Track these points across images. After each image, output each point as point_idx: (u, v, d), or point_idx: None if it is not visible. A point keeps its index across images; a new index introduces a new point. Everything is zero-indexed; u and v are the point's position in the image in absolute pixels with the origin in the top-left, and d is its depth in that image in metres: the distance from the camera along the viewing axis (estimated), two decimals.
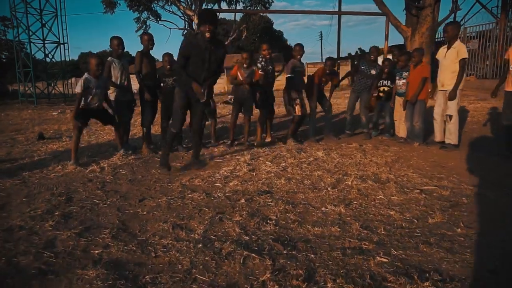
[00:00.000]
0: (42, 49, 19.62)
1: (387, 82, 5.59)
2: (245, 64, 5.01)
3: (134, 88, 5.21)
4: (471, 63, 12.97)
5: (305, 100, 5.46)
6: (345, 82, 16.76)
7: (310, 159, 4.30)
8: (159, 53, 3.64)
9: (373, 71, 5.62)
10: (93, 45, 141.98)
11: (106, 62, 4.58)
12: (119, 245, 2.19)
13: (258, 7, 24.20)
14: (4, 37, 32.71)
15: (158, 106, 5.04)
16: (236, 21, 27.14)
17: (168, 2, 23.76)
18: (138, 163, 4.31)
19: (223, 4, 24.08)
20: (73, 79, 24.25)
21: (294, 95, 5.23)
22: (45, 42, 19.57)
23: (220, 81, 24.83)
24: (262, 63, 5.04)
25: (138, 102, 5.03)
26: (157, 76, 4.96)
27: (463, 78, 4.64)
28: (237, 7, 23.98)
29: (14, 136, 6.76)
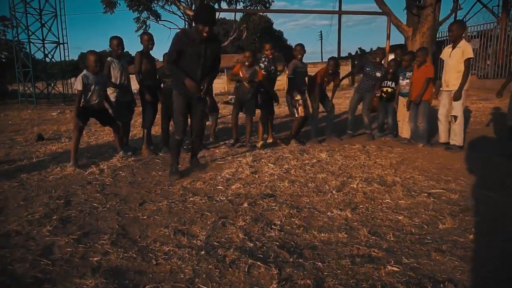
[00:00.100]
0: (41, 49, 19.55)
1: (391, 83, 5.52)
2: (247, 62, 4.90)
3: (134, 88, 5.14)
4: (472, 63, 12.89)
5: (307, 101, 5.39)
6: (345, 82, 16.70)
7: (313, 161, 4.22)
8: (159, 53, 3.55)
9: (378, 73, 5.53)
10: (93, 45, 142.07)
11: (105, 62, 4.52)
12: (118, 252, 2.12)
13: (258, 7, 24.10)
14: (3, 37, 32.60)
15: (159, 107, 4.97)
16: (236, 21, 27.07)
17: (168, 2, 23.64)
18: (138, 165, 4.24)
19: (223, 3, 24.01)
20: (72, 79, 24.10)
21: (296, 96, 5.16)
22: (45, 42, 19.49)
23: (220, 81, 24.89)
24: (265, 63, 4.96)
25: (138, 102, 4.97)
26: (157, 77, 4.88)
27: (468, 78, 4.57)
28: (237, 6, 23.86)
29: (13, 136, 6.69)
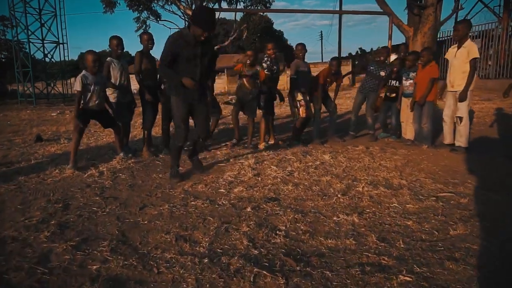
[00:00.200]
0: (41, 49, 19.51)
1: (396, 82, 5.44)
2: (249, 61, 4.82)
3: (134, 88, 5.06)
4: None
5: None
6: (345, 82, 16.61)
7: (316, 163, 4.14)
8: (159, 53, 3.42)
9: (382, 73, 5.45)
10: (93, 45, 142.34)
11: (105, 63, 4.45)
12: (118, 260, 2.04)
13: (259, 7, 24.01)
14: (3, 37, 32.56)
15: (159, 107, 4.89)
16: (237, 21, 26.98)
17: (168, 1, 23.53)
18: (138, 167, 4.16)
19: (223, 3, 23.92)
20: (72, 79, 24.05)
21: (297, 96, 5.08)
22: (44, 42, 19.45)
23: (220, 81, 24.76)
24: (268, 63, 4.89)
25: (138, 103, 4.89)
26: (158, 77, 4.80)
27: (474, 79, 4.49)
28: (238, 6, 23.78)
29: (12, 138, 6.60)
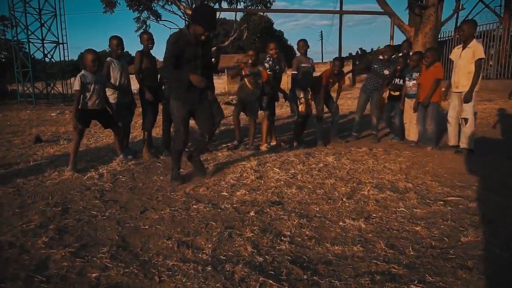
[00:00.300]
0: (41, 49, 19.46)
1: (399, 80, 5.37)
2: (250, 61, 4.76)
3: (134, 88, 4.99)
4: None
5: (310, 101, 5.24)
6: (346, 82, 16.51)
7: (320, 165, 4.08)
8: (160, 52, 3.37)
9: (386, 71, 5.39)
10: (93, 45, 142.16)
11: (105, 62, 4.38)
12: (118, 267, 1.97)
13: (259, 7, 23.94)
14: (2, 37, 32.48)
15: (159, 108, 4.82)
16: (237, 21, 26.90)
17: (168, 1, 23.43)
18: (138, 169, 4.09)
19: (224, 3, 23.83)
20: (72, 79, 23.98)
21: (299, 94, 5.03)
22: (44, 41, 19.40)
23: (220, 81, 24.66)
24: (270, 63, 4.83)
25: (138, 103, 4.82)
26: (158, 77, 4.74)
27: (479, 79, 4.43)
28: (238, 6, 23.69)
29: (11, 138, 6.54)
